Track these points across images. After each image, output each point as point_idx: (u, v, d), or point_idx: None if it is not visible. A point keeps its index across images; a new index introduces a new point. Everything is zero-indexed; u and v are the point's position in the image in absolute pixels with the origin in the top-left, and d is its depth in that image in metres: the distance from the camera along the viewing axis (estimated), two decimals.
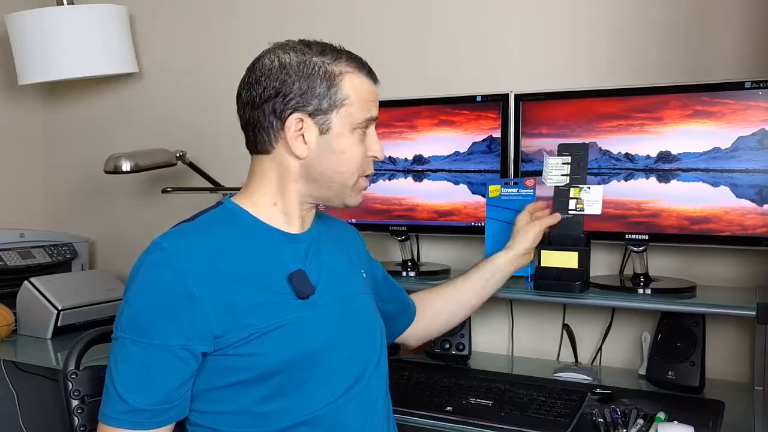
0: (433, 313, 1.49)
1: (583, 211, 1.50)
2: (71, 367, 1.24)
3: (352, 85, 1.15)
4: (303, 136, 1.13)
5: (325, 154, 1.15)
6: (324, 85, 1.13)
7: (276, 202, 1.17)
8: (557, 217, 1.51)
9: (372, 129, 1.20)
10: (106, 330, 1.35)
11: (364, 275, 1.31)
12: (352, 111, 1.15)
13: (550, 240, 1.53)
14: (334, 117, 1.14)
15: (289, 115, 1.13)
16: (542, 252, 1.52)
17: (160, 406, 1.04)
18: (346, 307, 1.19)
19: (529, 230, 1.49)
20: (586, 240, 1.52)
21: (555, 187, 1.53)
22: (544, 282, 1.53)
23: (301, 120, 1.13)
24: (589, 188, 1.50)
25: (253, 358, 1.06)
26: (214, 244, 1.09)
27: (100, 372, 1.25)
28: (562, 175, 1.52)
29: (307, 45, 1.16)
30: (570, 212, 1.51)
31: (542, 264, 1.53)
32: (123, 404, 1.02)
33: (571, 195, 1.51)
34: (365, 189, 1.23)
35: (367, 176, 1.22)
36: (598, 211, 1.49)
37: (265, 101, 1.13)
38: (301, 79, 1.12)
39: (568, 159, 1.52)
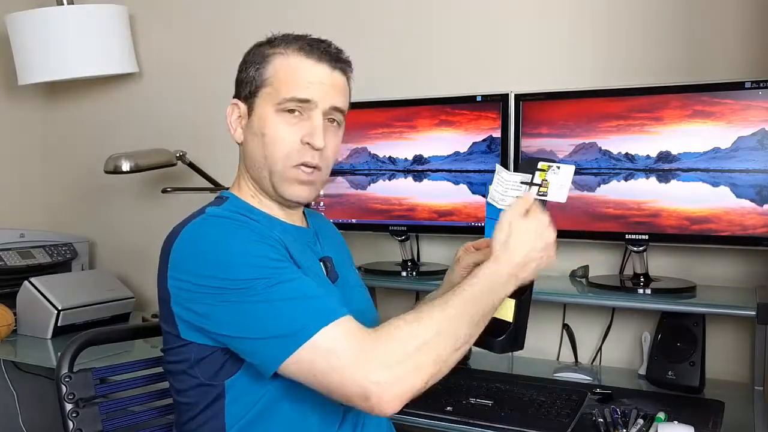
0: None
1: (545, 196, 1.13)
2: (65, 370, 1.23)
3: (279, 64, 1.12)
4: (242, 121, 1.16)
5: (251, 137, 1.14)
6: (253, 69, 1.14)
7: (253, 194, 1.18)
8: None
9: (314, 114, 1.11)
10: (99, 332, 1.35)
11: (357, 271, 1.33)
12: (271, 91, 1.11)
13: None
14: (258, 98, 1.13)
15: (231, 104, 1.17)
16: None
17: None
18: (355, 294, 1.22)
19: (455, 266, 1.25)
20: (528, 284, 1.14)
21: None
22: None
23: (236, 105, 1.16)
24: (558, 167, 1.14)
25: None
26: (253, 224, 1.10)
27: (95, 374, 1.25)
28: (516, 197, 1.15)
29: (270, 38, 1.17)
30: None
31: None
32: (314, 302, 0.98)
33: (536, 178, 1.15)
34: (306, 182, 1.13)
35: (304, 166, 1.12)
36: (563, 198, 1.13)
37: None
38: (243, 69, 1.16)
39: (528, 178, 1.16)
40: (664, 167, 1.57)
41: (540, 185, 1.15)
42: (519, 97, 1.73)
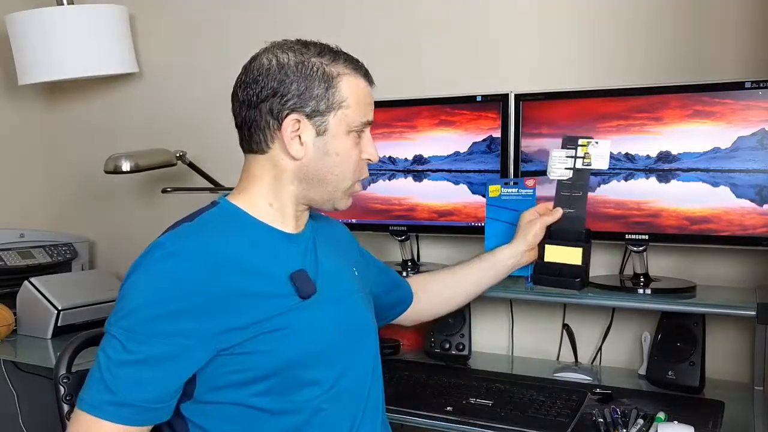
0: (430, 297, 1.52)
1: (590, 165, 1.48)
2: (62, 371, 1.23)
3: (349, 87, 1.14)
4: (300, 137, 1.13)
5: (321, 156, 1.14)
6: (322, 87, 1.12)
7: (271, 203, 1.16)
8: (558, 213, 1.49)
9: (367, 132, 1.19)
10: (98, 332, 1.34)
11: (356, 273, 1.30)
12: (348, 113, 1.14)
13: (552, 235, 1.50)
14: (331, 119, 1.13)
15: (286, 116, 1.12)
16: (546, 246, 1.50)
17: (152, 405, 1.02)
18: (343, 307, 1.19)
19: (530, 227, 1.49)
20: (587, 236, 1.49)
21: (558, 181, 1.52)
22: (543, 277, 1.51)
23: (298, 121, 1.12)
24: (597, 142, 1.49)
25: (255, 356, 1.06)
26: (218, 242, 1.08)
27: None
28: (565, 168, 1.50)
29: (305, 45, 1.15)
30: (577, 168, 1.50)
31: (545, 259, 1.50)
32: (110, 395, 1.00)
33: (578, 152, 1.50)
34: (357, 192, 1.23)
35: (360, 180, 1.22)
36: (605, 166, 1.48)
37: (263, 101, 1.12)
38: (299, 80, 1.12)
39: (572, 152, 1.50)
40: (664, 167, 1.57)
41: (583, 157, 1.48)
42: (519, 97, 1.72)
